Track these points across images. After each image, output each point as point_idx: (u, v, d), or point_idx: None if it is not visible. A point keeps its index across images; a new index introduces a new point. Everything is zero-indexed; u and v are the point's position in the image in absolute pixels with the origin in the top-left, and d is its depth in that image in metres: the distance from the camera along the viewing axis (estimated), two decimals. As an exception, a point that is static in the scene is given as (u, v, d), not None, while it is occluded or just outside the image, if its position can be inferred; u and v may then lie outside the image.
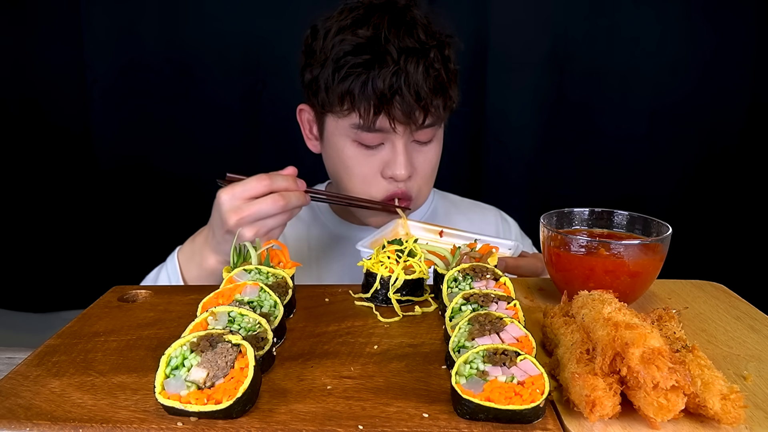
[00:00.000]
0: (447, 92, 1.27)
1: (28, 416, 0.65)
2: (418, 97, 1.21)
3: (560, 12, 1.98)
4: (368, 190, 1.32)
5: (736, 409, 0.62)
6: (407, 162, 1.28)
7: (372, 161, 1.30)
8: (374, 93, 1.20)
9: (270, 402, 0.68)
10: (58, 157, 2.12)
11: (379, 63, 1.20)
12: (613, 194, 2.11)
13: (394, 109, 1.22)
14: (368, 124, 1.23)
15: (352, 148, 1.30)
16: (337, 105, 1.26)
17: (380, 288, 0.95)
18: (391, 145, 1.28)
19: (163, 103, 2.07)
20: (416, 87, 1.20)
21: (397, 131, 1.25)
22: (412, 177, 1.32)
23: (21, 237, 2.18)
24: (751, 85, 2.01)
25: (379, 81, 1.19)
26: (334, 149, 1.34)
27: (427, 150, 1.34)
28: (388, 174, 1.29)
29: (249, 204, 1.09)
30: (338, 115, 1.28)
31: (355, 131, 1.27)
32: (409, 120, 1.24)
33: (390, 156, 1.28)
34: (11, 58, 2.04)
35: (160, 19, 2.01)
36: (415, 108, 1.22)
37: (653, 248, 0.93)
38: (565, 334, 0.75)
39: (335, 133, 1.32)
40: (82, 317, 0.92)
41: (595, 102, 2.04)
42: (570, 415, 0.65)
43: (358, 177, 1.32)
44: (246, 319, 0.76)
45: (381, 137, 1.27)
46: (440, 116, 1.29)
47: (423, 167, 1.34)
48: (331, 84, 1.24)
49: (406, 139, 1.28)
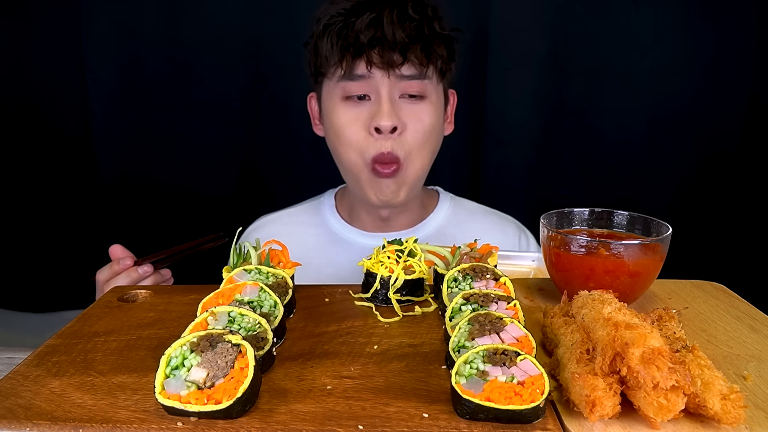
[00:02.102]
0: (430, 45, 1.29)
1: (28, 416, 0.65)
2: (394, 42, 1.25)
3: (560, 12, 1.97)
4: (357, 148, 1.33)
5: (736, 409, 0.62)
6: (392, 111, 1.29)
7: (359, 117, 1.31)
8: (351, 39, 1.26)
9: (270, 402, 0.68)
10: (58, 157, 2.11)
11: (358, 14, 1.26)
12: (613, 194, 2.10)
13: (373, 54, 1.26)
14: (349, 71, 1.28)
15: (341, 106, 1.33)
16: (324, 63, 1.31)
17: (380, 288, 0.95)
18: (376, 95, 1.30)
19: (163, 102, 2.07)
20: (392, 33, 1.24)
21: (375, 75, 1.28)
22: (402, 134, 1.31)
23: (21, 237, 2.17)
24: (751, 86, 2.00)
25: (356, 28, 1.25)
26: (327, 115, 1.36)
27: (418, 108, 1.33)
28: (374, 125, 1.29)
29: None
30: (329, 77, 1.33)
31: (341, 85, 1.31)
32: (387, 65, 1.27)
33: (375, 108, 1.30)
34: (11, 58, 2.04)
35: (160, 19, 2.00)
36: (391, 53, 1.26)
37: (653, 248, 0.93)
38: (565, 334, 0.75)
39: (328, 98, 1.36)
40: (82, 317, 0.92)
41: (596, 102, 2.04)
42: (570, 415, 0.65)
43: (347, 133, 1.33)
44: (246, 319, 0.76)
45: (366, 86, 1.30)
46: (423, 64, 1.30)
47: (412, 126, 1.32)
48: (318, 43, 1.31)
49: (390, 88, 1.30)
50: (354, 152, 1.33)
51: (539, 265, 1.21)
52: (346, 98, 1.32)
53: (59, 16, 2.00)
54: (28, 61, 2.04)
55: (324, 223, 1.53)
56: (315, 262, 1.47)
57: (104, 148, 2.10)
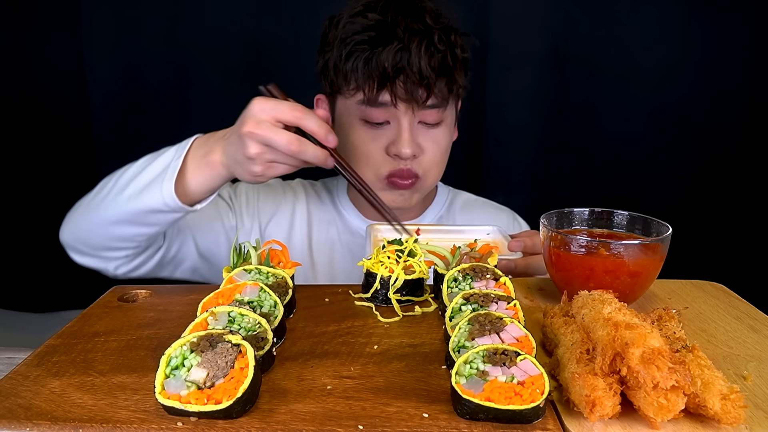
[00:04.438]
0: (452, 75, 1.28)
1: (28, 416, 0.65)
2: (420, 77, 1.23)
3: (560, 12, 1.97)
4: (373, 167, 1.33)
5: (736, 409, 0.62)
6: (411, 139, 1.29)
7: (377, 140, 1.32)
8: (378, 69, 1.23)
9: (270, 402, 0.68)
10: (59, 157, 2.11)
11: (384, 41, 1.23)
12: (613, 194, 2.10)
13: (397, 87, 1.24)
14: (372, 99, 1.26)
15: (359, 127, 1.32)
16: (344, 84, 1.29)
17: (380, 288, 0.95)
18: (396, 123, 1.30)
19: (163, 102, 2.07)
20: (419, 66, 1.22)
21: (399, 108, 1.27)
22: (418, 158, 1.33)
23: (21, 237, 2.17)
24: (751, 85, 2.00)
25: (383, 58, 1.22)
26: (342, 130, 1.35)
27: (435, 133, 1.35)
28: (392, 152, 1.31)
29: (269, 125, 1.04)
30: (346, 95, 1.31)
31: (361, 108, 1.29)
32: (412, 98, 1.26)
33: (395, 134, 1.30)
34: (11, 58, 2.04)
35: (161, 19, 2.00)
36: (417, 87, 1.24)
37: (653, 248, 0.93)
38: (565, 334, 0.75)
39: (344, 114, 1.35)
40: (82, 317, 0.92)
41: (595, 102, 2.04)
42: (570, 415, 0.65)
43: (363, 155, 1.33)
44: (246, 319, 0.76)
45: (386, 114, 1.29)
46: (445, 98, 1.30)
47: (431, 149, 1.34)
48: (339, 63, 1.27)
49: (411, 118, 1.30)
50: (370, 170, 1.34)
51: (494, 238, 1.24)
52: (365, 121, 1.32)
53: (59, 16, 2.00)
54: (28, 61, 2.04)
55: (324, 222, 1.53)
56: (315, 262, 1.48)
57: (105, 148, 2.10)
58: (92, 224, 1.26)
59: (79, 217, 1.30)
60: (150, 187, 1.14)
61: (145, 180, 1.16)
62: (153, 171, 1.16)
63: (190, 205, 1.16)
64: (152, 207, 1.15)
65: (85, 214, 1.28)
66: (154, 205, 1.14)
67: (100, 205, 1.23)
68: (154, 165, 1.17)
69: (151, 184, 1.14)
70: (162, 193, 1.12)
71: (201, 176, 1.15)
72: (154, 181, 1.14)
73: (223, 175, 1.14)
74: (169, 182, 1.12)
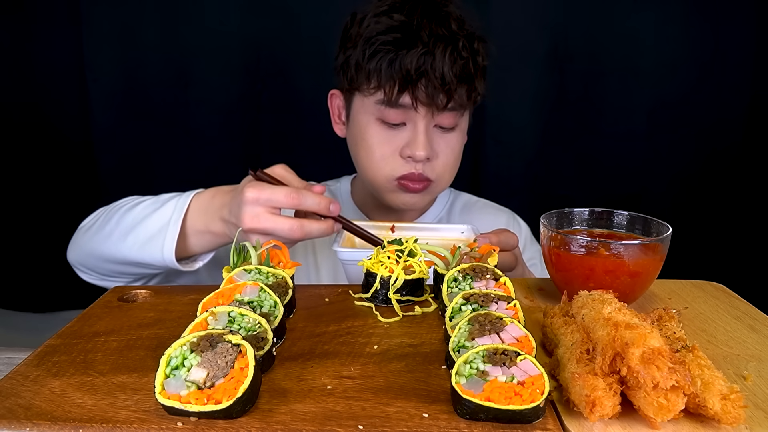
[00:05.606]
0: (472, 82, 1.30)
1: (28, 416, 0.65)
2: (442, 82, 1.24)
3: (560, 11, 1.98)
4: (385, 168, 1.34)
5: (736, 409, 0.62)
6: (427, 143, 1.30)
7: (393, 141, 1.32)
8: (401, 72, 1.24)
9: (270, 402, 0.68)
10: (58, 158, 2.12)
11: (408, 44, 1.24)
12: (613, 194, 2.11)
13: (419, 91, 1.25)
14: (392, 100, 1.27)
15: (375, 126, 1.33)
16: (364, 82, 1.30)
17: (380, 288, 0.95)
18: (413, 125, 1.30)
19: (164, 102, 2.07)
20: (441, 71, 1.23)
21: (419, 111, 1.28)
22: (432, 161, 1.33)
23: (21, 238, 2.18)
24: (751, 84, 2.01)
25: (407, 61, 1.23)
26: (358, 128, 1.36)
27: (450, 137, 1.36)
28: (407, 153, 1.31)
29: (267, 217, 1.06)
30: (365, 93, 1.32)
31: (379, 108, 1.30)
32: (432, 102, 1.26)
33: (411, 136, 1.31)
34: (11, 58, 2.04)
35: (161, 20, 2.01)
36: (438, 92, 1.25)
37: (653, 248, 0.93)
38: (565, 334, 0.75)
39: (360, 111, 1.35)
40: (82, 317, 0.92)
41: (595, 102, 2.04)
42: (570, 415, 0.65)
43: (377, 155, 1.34)
44: (246, 319, 0.76)
45: (404, 116, 1.30)
46: (463, 104, 1.31)
47: (444, 153, 1.35)
48: (361, 61, 1.28)
49: (428, 121, 1.30)
50: (383, 170, 1.35)
51: (469, 236, 1.24)
52: (382, 121, 1.32)
53: (59, 16, 2.01)
54: (28, 61, 2.04)
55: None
56: (315, 262, 1.48)
57: (105, 149, 2.10)
58: (96, 259, 1.29)
59: (84, 246, 1.33)
60: (151, 243, 1.18)
61: (145, 234, 1.19)
62: (153, 225, 1.19)
63: (190, 257, 1.23)
64: (153, 263, 1.20)
65: (89, 246, 1.30)
66: (154, 262, 1.19)
67: (103, 244, 1.25)
68: (155, 218, 1.19)
69: (152, 240, 1.18)
70: (163, 254, 1.17)
71: (203, 242, 1.20)
72: (155, 237, 1.17)
73: (225, 241, 1.17)
74: (169, 245, 1.16)
